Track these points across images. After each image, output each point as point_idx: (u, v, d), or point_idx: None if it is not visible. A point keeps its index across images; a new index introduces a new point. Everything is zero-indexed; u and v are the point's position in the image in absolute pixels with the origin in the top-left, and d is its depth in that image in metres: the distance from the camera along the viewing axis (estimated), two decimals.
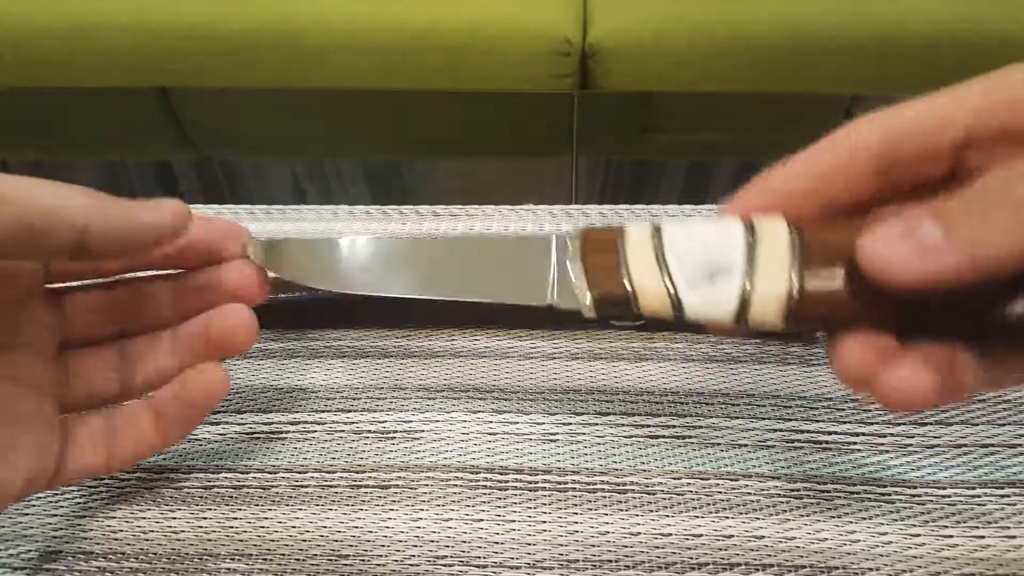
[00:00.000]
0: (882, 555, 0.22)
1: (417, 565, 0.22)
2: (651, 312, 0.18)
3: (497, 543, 0.22)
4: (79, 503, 0.24)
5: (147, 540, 0.23)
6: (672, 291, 0.18)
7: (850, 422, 0.26)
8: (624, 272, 0.18)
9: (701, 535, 0.23)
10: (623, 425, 0.27)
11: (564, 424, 0.27)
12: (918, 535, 0.22)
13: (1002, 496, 0.24)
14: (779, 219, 0.18)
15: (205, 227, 0.23)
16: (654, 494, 0.24)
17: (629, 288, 0.18)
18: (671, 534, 0.23)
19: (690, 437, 0.26)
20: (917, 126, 0.17)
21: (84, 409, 0.22)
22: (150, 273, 0.24)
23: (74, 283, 0.23)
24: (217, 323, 0.23)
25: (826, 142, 0.18)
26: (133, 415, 0.23)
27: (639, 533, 0.23)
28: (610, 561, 0.22)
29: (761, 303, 0.17)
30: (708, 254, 0.18)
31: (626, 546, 0.22)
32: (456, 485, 0.24)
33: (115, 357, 0.23)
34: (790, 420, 0.27)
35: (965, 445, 0.25)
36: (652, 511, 0.23)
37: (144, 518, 0.24)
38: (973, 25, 0.93)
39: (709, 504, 0.24)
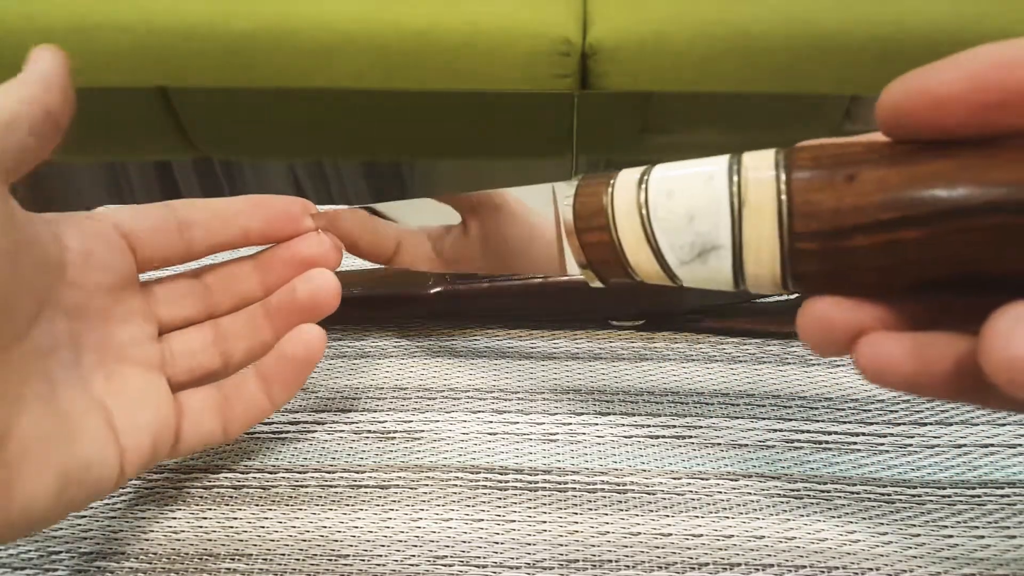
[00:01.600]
0: (882, 555, 0.22)
1: (417, 565, 0.22)
2: (655, 282, 0.19)
3: (497, 543, 0.22)
4: None
5: (147, 540, 0.23)
6: (668, 268, 0.18)
7: (850, 422, 0.26)
8: (620, 250, 0.18)
9: (701, 535, 0.23)
10: (623, 425, 0.27)
11: (564, 424, 0.27)
12: (918, 535, 0.22)
13: (1002, 496, 0.24)
14: (768, 163, 0.16)
15: (276, 206, 0.25)
16: (654, 494, 0.24)
17: (629, 267, 0.19)
18: (671, 534, 0.23)
19: (690, 437, 0.26)
20: None
21: (194, 385, 0.24)
22: (233, 256, 0.26)
23: (163, 275, 0.25)
24: (303, 287, 0.24)
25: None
26: (241, 383, 0.24)
27: (639, 533, 0.23)
28: (610, 561, 0.22)
29: (755, 281, 0.17)
30: (693, 225, 0.17)
31: (626, 546, 0.22)
32: (456, 485, 0.24)
33: (213, 334, 0.24)
34: (790, 420, 0.27)
35: (965, 445, 0.25)
36: (652, 511, 0.23)
37: (144, 518, 0.24)
38: (973, 25, 0.93)
39: (709, 504, 0.24)
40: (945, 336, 0.15)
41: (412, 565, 0.22)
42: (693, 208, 0.17)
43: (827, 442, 0.26)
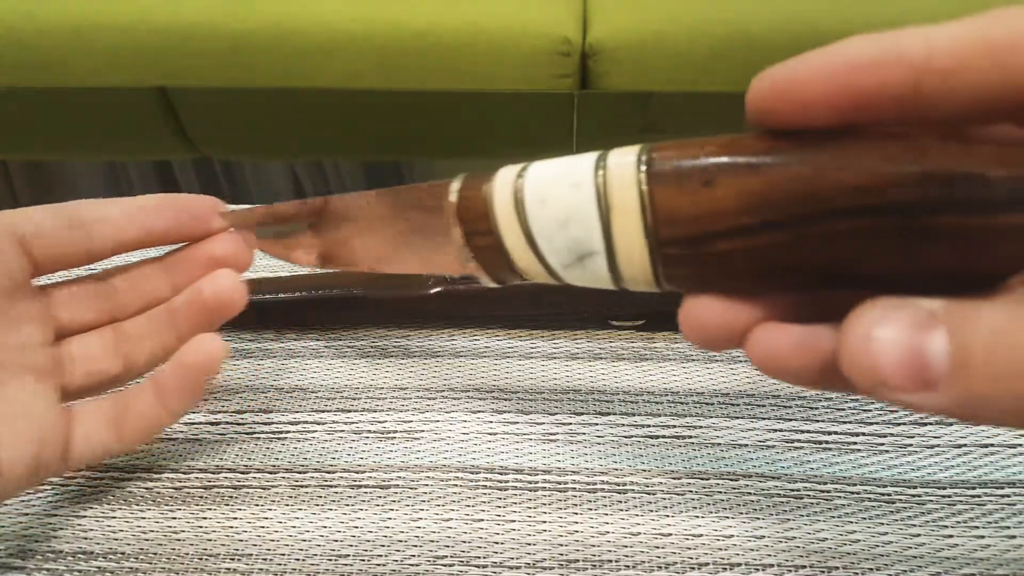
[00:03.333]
0: (882, 555, 0.22)
1: (417, 565, 0.22)
2: (550, 283, 0.19)
3: (497, 543, 0.22)
4: (79, 503, 0.24)
5: (147, 540, 0.23)
6: (552, 271, 0.18)
7: (850, 422, 0.26)
8: (507, 254, 0.18)
9: (701, 535, 0.23)
10: (623, 425, 0.27)
11: (564, 424, 0.27)
12: (918, 535, 0.22)
13: (1002, 496, 0.24)
14: (631, 167, 0.15)
15: (183, 204, 0.24)
16: (654, 494, 0.24)
17: (518, 269, 0.18)
18: (671, 534, 0.23)
19: (690, 437, 0.26)
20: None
21: (92, 393, 0.23)
22: (139, 258, 0.25)
23: (63, 279, 0.24)
24: (208, 289, 0.24)
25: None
26: (138, 392, 0.23)
27: (639, 533, 0.23)
28: (610, 561, 0.22)
29: (633, 282, 0.17)
30: (567, 231, 0.17)
31: (626, 546, 0.22)
32: (456, 485, 0.24)
33: (115, 338, 0.24)
34: (790, 420, 0.27)
35: (965, 445, 0.25)
36: (652, 511, 0.23)
37: (144, 518, 0.24)
38: None
39: (709, 504, 0.24)
40: (830, 328, 0.15)
41: (412, 565, 0.22)
42: (565, 215, 0.17)
43: (827, 442, 0.26)
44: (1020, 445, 0.25)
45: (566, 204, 0.17)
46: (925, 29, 0.13)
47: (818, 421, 0.27)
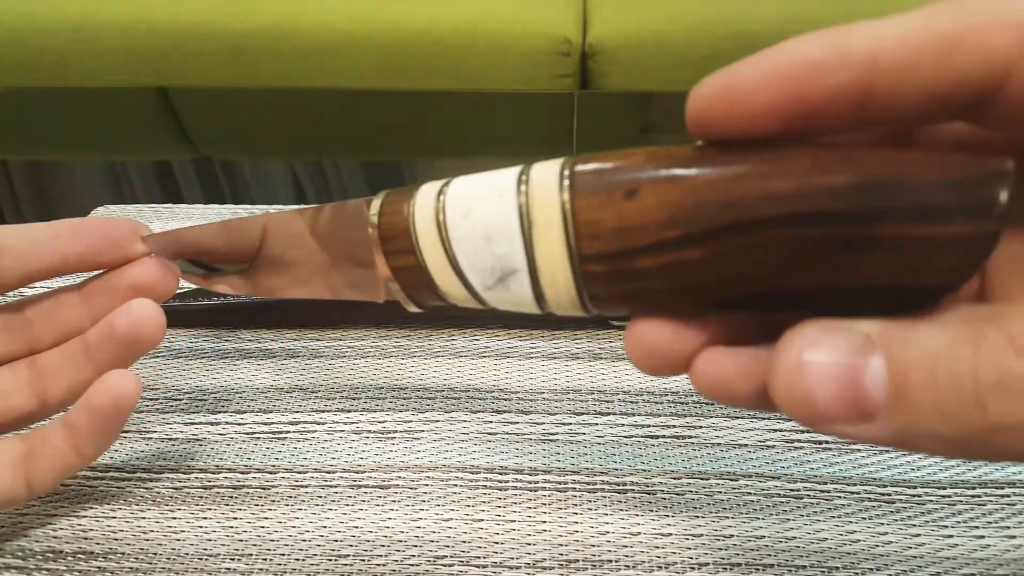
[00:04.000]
0: (882, 555, 0.22)
1: (417, 565, 0.22)
2: (470, 307, 0.18)
3: (497, 543, 0.22)
4: (79, 503, 0.24)
5: (147, 540, 0.23)
6: (474, 293, 0.17)
7: None
8: (427, 274, 0.17)
9: (701, 535, 0.23)
10: (623, 425, 0.27)
11: (564, 424, 0.27)
12: (918, 535, 0.22)
13: (1002, 496, 0.24)
14: (553, 178, 0.15)
15: (99, 229, 0.23)
16: (654, 494, 0.24)
17: (439, 292, 0.17)
18: (671, 534, 0.23)
19: (690, 437, 0.26)
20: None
21: (4, 431, 0.22)
22: (56, 285, 0.24)
23: None
24: (122, 320, 0.22)
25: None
26: (49, 434, 0.22)
27: (639, 533, 0.23)
28: (610, 561, 0.22)
29: (557, 304, 0.16)
30: (491, 247, 0.16)
31: (626, 546, 0.22)
32: (456, 485, 0.24)
33: (29, 373, 0.23)
34: (790, 420, 0.27)
35: None
36: (652, 511, 0.23)
37: (144, 518, 0.24)
38: None
39: (709, 504, 0.24)
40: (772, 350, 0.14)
41: (412, 565, 0.22)
42: (489, 228, 0.16)
43: (827, 442, 0.26)
44: None
45: (489, 216, 0.16)
46: (873, 24, 0.12)
47: None
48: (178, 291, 0.33)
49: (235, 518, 0.23)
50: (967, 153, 0.12)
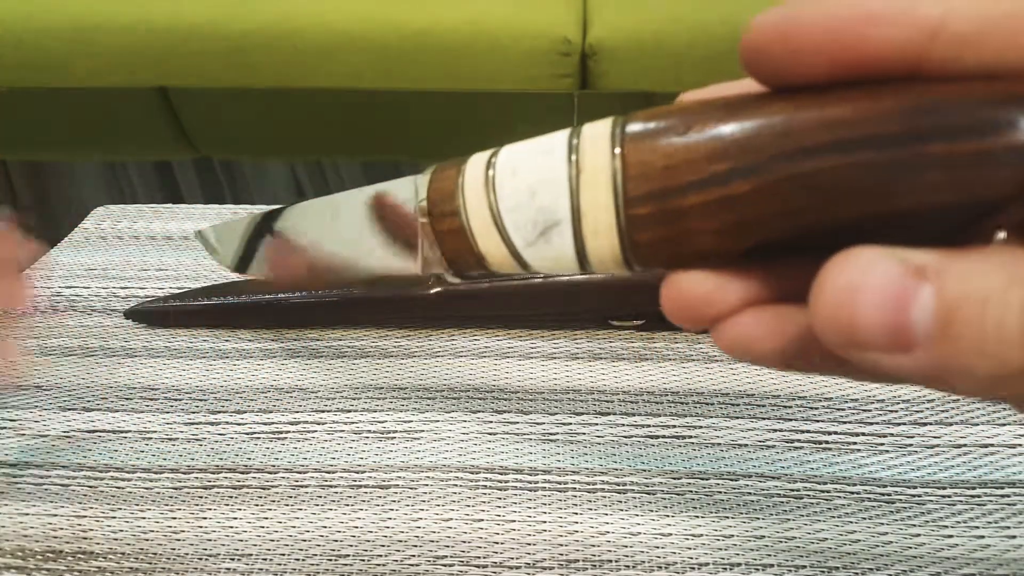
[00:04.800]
0: (882, 555, 0.22)
1: (417, 565, 0.22)
2: (505, 272, 0.18)
3: (497, 543, 0.22)
4: (79, 503, 0.24)
5: (147, 540, 0.23)
6: (515, 252, 0.17)
7: (850, 422, 0.26)
8: (470, 235, 0.17)
9: (701, 535, 0.23)
10: (623, 425, 0.27)
11: (564, 424, 0.27)
12: (918, 535, 0.22)
13: (1002, 496, 0.24)
14: (605, 129, 0.15)
15: None
16: (654, 494, 0.24)
17: (479, 253, 0.18)
18: (671, 534, 0.23)
19: (690, 437, 0.26)
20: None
21: None
22: None
23: None
24: None
25: None
26: None
27: (639, 533, 0.23)
28: (610, 561, 0.22)
29: (597, 257, 0.16)
30: (535, 201, 0.16)
31: (626, 546, 0.22)
32: (456, 485, 0.24)
33: None
34: (790, 420, 0.27)
35: (965, 445, 0.25)
36: (652, 511, 0.23)
37: (144, 518, 0.24)
38: None
39: (709, 504, 0.24)
40: (795, 308, 0.14)
41: (412, 565, 0.22)
42: (535, 183, 0.16)
43: (827, 442, 0.26)
44: (1020, 445, 0.25)
45: (536, 171, 0.16)
46: None
47: (818, 421, 0.27)
48: (178, 291, 0.34)
49: (235, 518, 0.23)
50: (1010, 80, 0.12)
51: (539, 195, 0.16)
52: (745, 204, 0.14)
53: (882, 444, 0.26)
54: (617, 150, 0.15)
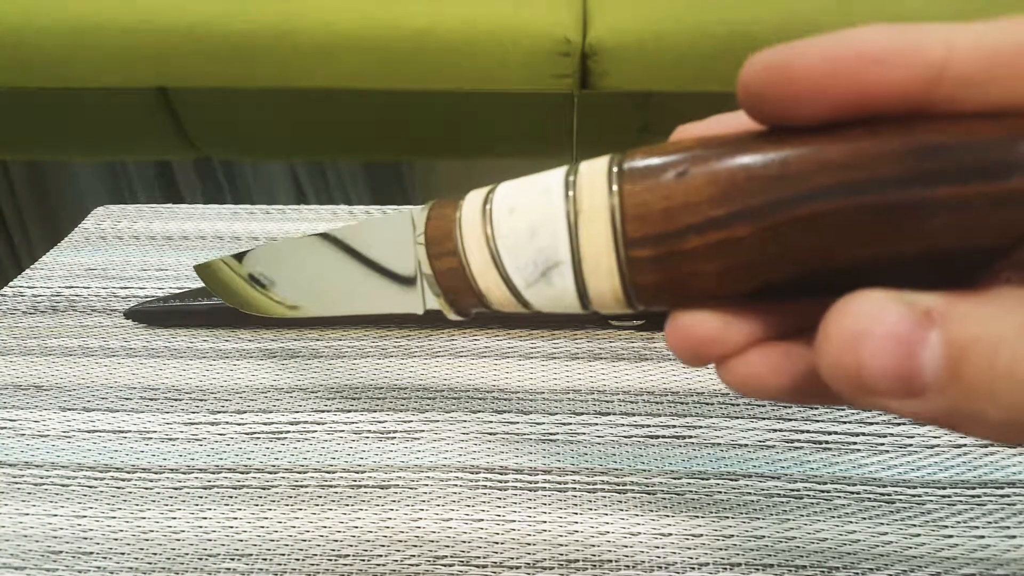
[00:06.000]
0: (882, 555, 0.22)
1: (417, 565, 0.22)
2: (508, 311, 0.18)
3: (497, 543, 0.22)
4: (80, 503, 0.24)
5: (147, 540, 0.23)
6: (516, 292, 0.17)
7: (850, 422, 0.26)
8: (469, 275, 0.17)
9: (701, 535, 0.23)
10: (623, 425, 0.27)
11: (564, 424, 0.27)
12: (918, 535, 0.22)
13: (1002, 496, 0.24)
14: (602, 168, 0.15)
15: None
16: (654, 494, 0.24)
17: (480, 293, 0.17)
18: (671, 534, 0.23)
19: (690, 437, 0.26)
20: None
21: None
22: None
23: None
24: None
25: None
26: None
27: (639, 533, 0.23)
28: (610, 561, 0.22)
29: (599, 297, 0.16)
30: (535, 241, 0.16)
31: (626, 546, 0.22)
32: (456, 485, 0.24)
33: None
34: (790, 420, 0.27)
35: (965, 445, 0.25)
36: (652, 511, 0.23)
37: (144, 518, 0.24)
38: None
39: (709, 504, 0.24)
40: (801, 345, 0.14)
41: (412, 565, 0.22)
42: (533, 223, 0.16)
43: (827, 442, 0.26)
44: (1020, 445, 0.25)
45: (534, 211, 0.16)
46: (947, 27, 0.12)
47: (818, 421, 0.27)
48: (178, 291, 0.34)
49: (235, 518, 0.23)
50: (1018, 117, 0.12)
51: (539, 235, 0.16)
52: (746, 248, 0.14)
53: (882, 444, 0.26)
54: (615, 187, 0.15)
